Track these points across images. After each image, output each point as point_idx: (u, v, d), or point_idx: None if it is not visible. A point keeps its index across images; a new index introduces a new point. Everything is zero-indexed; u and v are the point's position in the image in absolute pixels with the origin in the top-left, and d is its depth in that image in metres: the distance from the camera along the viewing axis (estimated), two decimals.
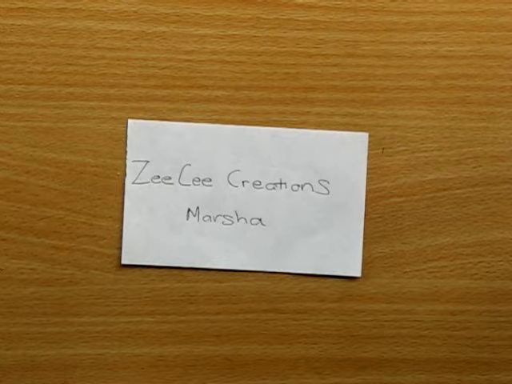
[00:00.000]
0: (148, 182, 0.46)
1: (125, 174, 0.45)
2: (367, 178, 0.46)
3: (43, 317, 0.46)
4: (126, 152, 0.45)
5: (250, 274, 0.46)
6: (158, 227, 0.46)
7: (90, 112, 0.45)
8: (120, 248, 0.46)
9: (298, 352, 0.47)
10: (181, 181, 0.46)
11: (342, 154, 0.46)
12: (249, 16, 0.46)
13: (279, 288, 0.46)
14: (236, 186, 0.46)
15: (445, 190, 0.46)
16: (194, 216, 0.46)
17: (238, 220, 0.46)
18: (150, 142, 0.46)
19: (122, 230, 0.45)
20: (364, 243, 0.46)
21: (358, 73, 0.46)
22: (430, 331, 0.47)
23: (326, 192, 0.46)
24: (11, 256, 0.45)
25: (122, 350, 0.46)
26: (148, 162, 0.46)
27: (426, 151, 0.46)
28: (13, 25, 0.45)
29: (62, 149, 0.45)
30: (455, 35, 0.46)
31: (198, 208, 0.46)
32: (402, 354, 0.47)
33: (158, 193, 0.46)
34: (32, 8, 0.45)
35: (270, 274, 0.46)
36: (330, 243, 0.46)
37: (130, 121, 0.45)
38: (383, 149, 0.46)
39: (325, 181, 0.46)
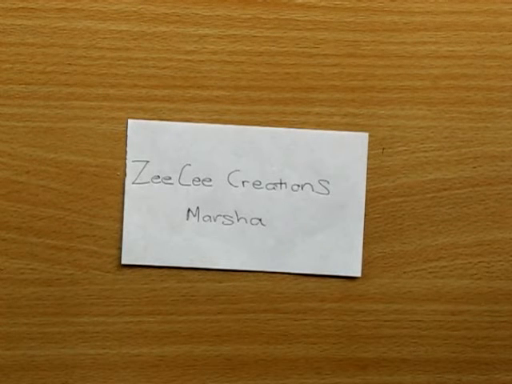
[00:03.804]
0: (148, 182, 0.46)
1: (125, 174, 0.45)
2: (367, 178, 0.46)
3: (43, 317, 0.46)
4: (126, 152, 0.45)
5: (250, 273, 0.46)
6: (158, 227, 0.46)
7: (90, 112, 0.45)
8: (120, 248, 0.46)
9: (298, 352, 0.47)
10: (181, 181, 0.46)
11: (342, 154, 0.46)
12: (249, 16, 0.46)
13: (279, 288, 0.46)
14: (236, 186, 0.46)
15: (445, 189, 0.46)
16: (194, 216, 0.46)
17: (238, 220, 0.46)
18: (150, 142, 0.46)
19: (121, 230, 0.45)
20: (364, 243, 0.46)
21: (358, 73, 0.46)
22: (430, 331, 0.47)
23: (326, 192, 0.46)
24: (11, 256, 0.45)
25: (122, 350, 0.46)
26: (148, 161, 0.46)
27: (426, 151, 0.46)
28: (13, 25, 0.45)
29: (62, 149, 0.45)
30: (455, 35, 0.46)
31: (198, 208, 0.46)
32: (402, 354, 0.47)
33: (157, 193, 0.46)
34: (32, 8, 0.45)
35: (270, 274, 0.46)
36: (330, 243, 0.46)
37: (129, 121, 0.45)
38: (383, 149, 0.46)
39: (325, 181, 0.46)
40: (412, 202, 0.46)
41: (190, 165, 0.46)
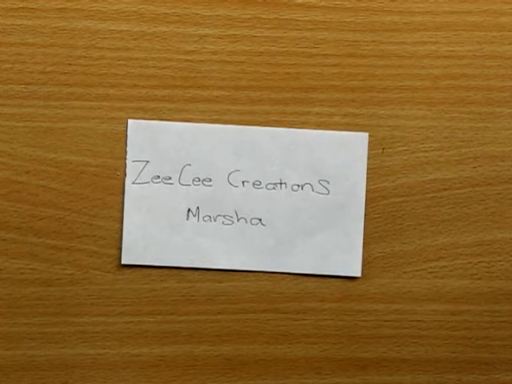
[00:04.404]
0: (148, 182, 0.46)
1: (125, 174, 0.45)
2: (367, 178, 0.46)
3: (43, 317, 0.46)
4: (126, 152, 0.45)
5: (250, 273, 0.46)
6: (158, 227, 0.46)
7: (90, 112, 0.45)
8: (120, 248, 0.46)
9: (298, 352, 0.47)
10: (181, 181, 0.46)
11: (342, 154, 0.46)
12: (249, 16, 0.46)
13: (279, 288, 0.46)
14: (236, 186, 0.46)
15: (445, 189, 0.46)
16: (194, 216, 0.46)
17: (238, 220, 0.46)
18: (150, 142, 0.46)
19: (122, 230, 0.45)
20: (364, 243, 0.46)
21: (358, 73, 0.46)
22: (430, 331, 0.47)
23: (326, 192, 0.46)
24: (11, 256, 0.45)
25: (122, 350, 0.46)
26: (148, 162, 0.46)
27: (426, 151, 0.46)
28: (13, 25, 0.45)
29: (62, 149, 0.45)
30: (455, 35, 0.46)
31: (198, 208, 0.46)
32: (402, 354, 0.47)
33: (158, 193, 0.46)
34: (32, 8, 0.45)
35: (270, 274, 0.46)
36: (330, 243, 0.46)
37: (129, 121, 0.45)
38: (383, 149, 0.46)
39: (325, 181, 0.46)
40: (412, 201, 0.46)
41: (190, 165, 0.46)
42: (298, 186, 0.46)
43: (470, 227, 0.47)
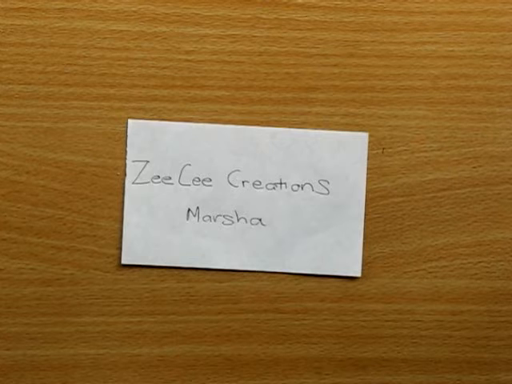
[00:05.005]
0: (148, 182, 0.46)
1: (125, 174, 0.45)
2: (367, 178, 0.46)
3: (43, 317, 0.46)
4: (126, 152, 0.45)
5: (250, 273, 0.46)
6: (158, 227, 0.46)
7: (90, 112, 0.45)
8: (120, 248, 0.46)
9: (297, 352, 0.47)
10: (181, 181, 0.46)
11: (342, 154, 0.46)
12: (249, 16, 0.46)
13: (279, 288, 0.46)
14: (236, 186, 0.46)
15: (445, 190, 0.46)
16: (194, 216, 0.46)
17: (238, 220, 0.46)
18: (150, 141, 0.46)
19: (121, 230, 0.45)
20: (364, 243, 0.46)
21: (358, 73, 0.46)
22: (430, 331, 0.47)
23: (326, 192, 0.46)
24: (11, 256, 0.45)
25: (122, 350, 0.46)
26: (148, 162, 0.46)
27: (426, 151, 0.46)
28: (13, 25, 0.45)
29: (62, 149, 0.45)
30: (455, 35, 0.46)
31: (197, 208, 0.46)
32: (402, 354, 0.47)
33: (158, 193, 0.46)
34: (32, 8, 0.45)
35: (270, 274, 0.46)
36: (330, 243, 0.46)
37: (129, 121, 0.45)
38: (383, 149, 0.46)
39: (325, 181, 0.46)
40: (412, 201, 0.46)
41: (189, 165, 0.46)
42: (298, 186, 0.46)
43: (469, 227, 0.47)
